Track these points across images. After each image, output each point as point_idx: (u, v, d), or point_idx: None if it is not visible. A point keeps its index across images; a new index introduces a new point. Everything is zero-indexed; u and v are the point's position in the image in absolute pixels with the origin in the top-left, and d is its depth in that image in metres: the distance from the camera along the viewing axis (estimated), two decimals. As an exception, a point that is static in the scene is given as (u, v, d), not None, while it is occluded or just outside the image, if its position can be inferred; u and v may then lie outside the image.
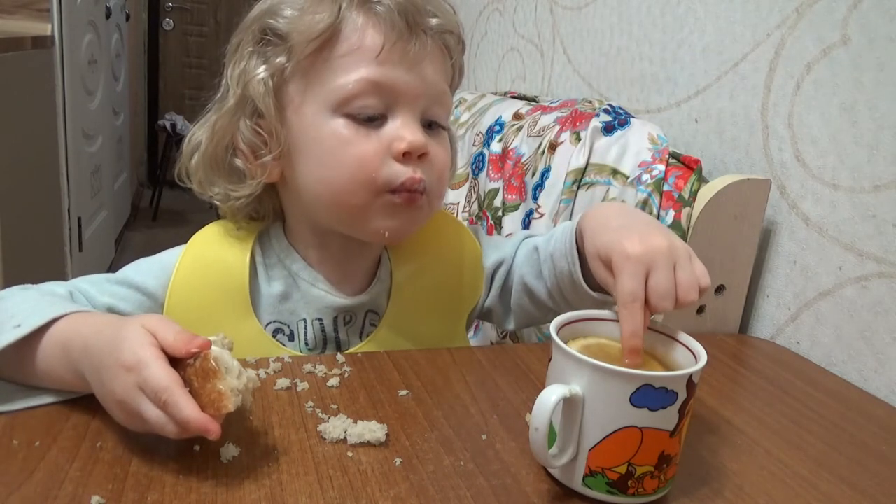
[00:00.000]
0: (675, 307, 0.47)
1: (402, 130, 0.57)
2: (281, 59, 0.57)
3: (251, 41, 0.59)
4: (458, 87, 0.65)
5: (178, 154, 0.63)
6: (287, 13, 0.57)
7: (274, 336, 0.62)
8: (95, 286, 0.59)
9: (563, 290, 0.63)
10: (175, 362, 0.43)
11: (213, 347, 0.44)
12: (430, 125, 0.60)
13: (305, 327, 0.63)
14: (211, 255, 0.63)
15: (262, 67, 0.58)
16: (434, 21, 0.58)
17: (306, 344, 0.63)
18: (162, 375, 0.41)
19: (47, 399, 0.49)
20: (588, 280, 0.59)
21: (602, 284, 0.53)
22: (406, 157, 0.57)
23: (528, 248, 0.68)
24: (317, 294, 0.63)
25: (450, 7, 0.61)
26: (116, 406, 0.44)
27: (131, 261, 0.64)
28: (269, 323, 0.62)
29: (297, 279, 0.63)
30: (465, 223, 1.08)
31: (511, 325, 0.71)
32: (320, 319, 0.63)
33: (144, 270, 0.62)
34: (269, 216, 0.65)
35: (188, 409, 0.41)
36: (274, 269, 0.63)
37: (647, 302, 0.47)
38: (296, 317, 0.63)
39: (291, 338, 0.63)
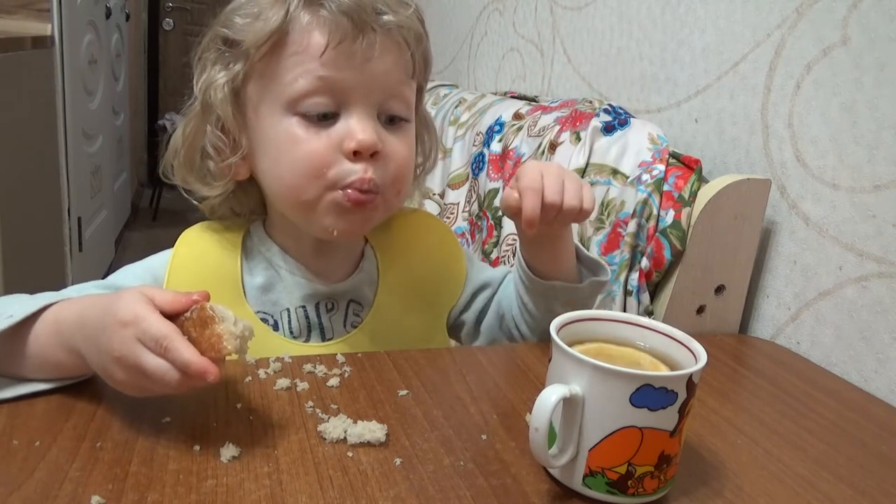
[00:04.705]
0: (562, 207, 0.57)
1: (354, 128, 0.57)
2: (238, 66, 0.59)
3: (212, 49, 0.61)
4: (427, 76, 0.65)
5: (163, 151, 0.65)
6: (238, 21, 0.58)
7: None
8: (82, 293, 0.60)
9: (521, 308, 0.68)
10: (172, 322, 0.45)
11: (212, 303, 0.45)
12: (392, 119, 0.60)
13: (289, 317, 0.64)
14: (201, 249, 0.65)
15: (222, 74, 0.59)
16: (385, 18, 0.58)
17: (291, 332, 0.64)
18: (161, 324, 0.43)
19: (41, 386, 0.50)
20: (538, 274, 0.65)
21: (504, 202, 0.60)
22: (357, 155, 0.57)
23: (510, 278, 0.73)
24: (297, 281, 0.64)
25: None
26: (115, 364, 0.44)
27: (131, 261, 0.66)
28: (255, 313, 0.64)
29: (278, 269, 0.65)
30: (463, 240, 1.08)
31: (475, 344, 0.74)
32: (304, 307, 0.65)
33: (129, 275, 0.64)
34: (246, 213, 0.67)
35: (188, 352, 0.42)
36: (255, 261, 0.65)
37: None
38: (278, 307, 0.64)
39: (276, 328, 0.64)
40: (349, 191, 0.57)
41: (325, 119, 0.58)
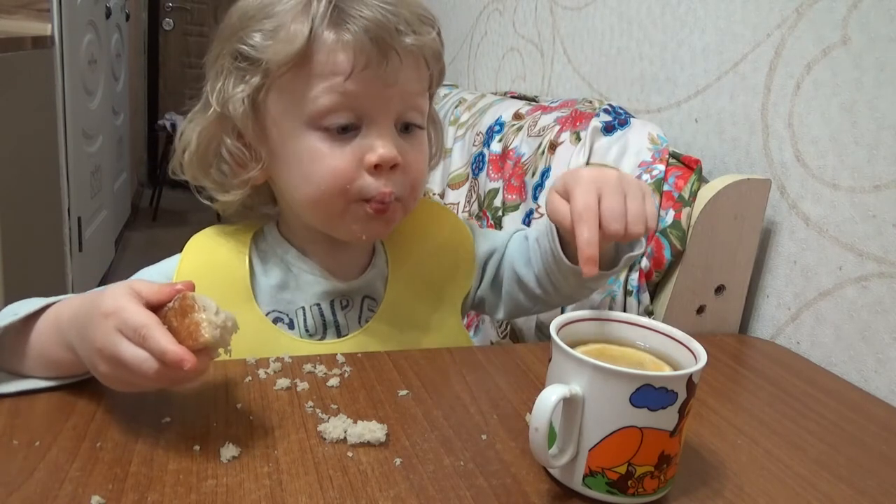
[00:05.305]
0: (625, 235, 0.52)
1: (375, 142, 0.58)
2: (256, 79, 0.58)
3: (228, 57, 0.60)
4: (439, 86, 0.67)
5: (173, 149, 0.65)
6: (257, 39, 0.58)
7: (274, 324, 0.64)
8: None
9: (549, 273, 0.66)
10: (156, 313, 0.45)
11: (195, 293, 0.45)
12: (408, 127, 0.61)
13: (304, 315, 0.65)
14: (209, 252, 0.65)
15: (241, 87, 0.59)
16: (407, 40, 0.57)
17: (306, 330, 0.65)
18: (140, 314, 0.44)
19: (42, 384, 0.51)
20: (568, 256, 0.62)
21: (552, 212, 0.56)
22: (377, 168, 0.58)
23: (519, 237, 0.72)
24: (311, 280, 0.65)
25: (429, 16, 0.61)
26: (97, 355, 0.45)
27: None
28: (269, 312, 0.64)
29: (292, 268, 0.65)
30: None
31: (501, 315, 0.74)
32: (318, 305, 0.65)
33: (146, 278, 0.63)
34: (257, 206, 0.67)
35: (164, 340, 0.42)
36: (269, 261, 0.66)
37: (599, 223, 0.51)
38: (294, 305, 0.65)
39: (291, 326, 0.64)
40: (372, 203, 0.59)
41: (346, 132, 0.58)
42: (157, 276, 0.64)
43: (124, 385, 0.46)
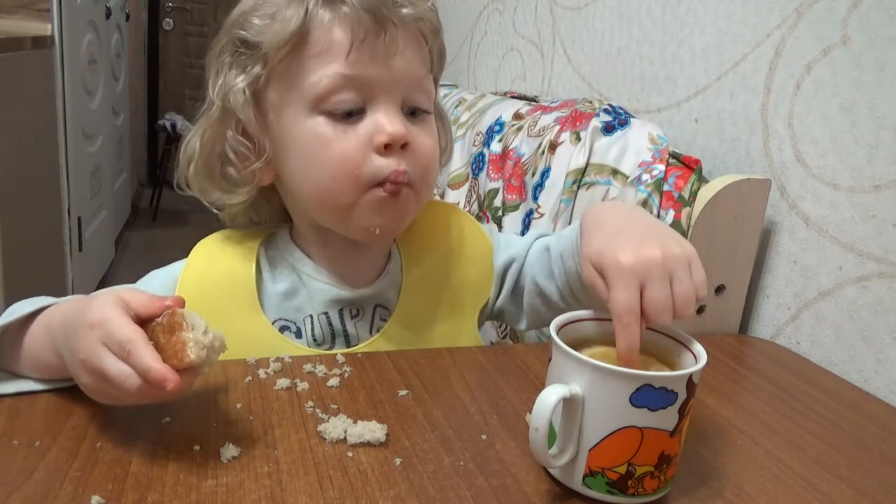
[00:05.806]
0: (672, 320, 0.46)
1: (382, 122, 0.56)
2: (257, 69, 0.58)
3: (227, 52, 0.60)
4: (441, 69, 0.65)
5: (177, 162, 0.64)
6: (256, 23, 0.57)
7: (281, 333, 0.63)
8: None
9: (573, 290, 0.63)
10: (144, 327, 0.44)
11: (185, 310, 0.44)
12: (414, 112, 0.60)
13: (312, 323, 0.63)
14: (216, 258, 0.64)
15: (241, 78, 0.58)
16: (404, 11, 0.57)
17: (314, 339, 0.63)
18: (127, 328, 0.43)
19: (39, 386, 0.51)
20: None
21: (590, 285, 0.50)
22: (388, 148, 0.57)
23: (539, 247, 0.68)
24: (320, 287, 0.63)
25: None
26: (80, 366, 0.44)
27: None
28: (276, 321, 0.63)
29: (302, 275, 0.64)
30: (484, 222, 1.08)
31: (523, 326, 0.71)
32: (326, 313, 0.63)
33: (154, 281, 0.63)
34: (265, 221, 0.66)
35: (149, 357, 0.41)
36: (278, 267, 0.64)
37: (643, 314, 0.46)
38: (301, 314, 0.63)
39: (299, 335, 0.63)
40: (386, 185, 0.56)
41: (351, 116, 0.57)
42: (166, 279, 0.63)
43: (107, 398, 0.45)
